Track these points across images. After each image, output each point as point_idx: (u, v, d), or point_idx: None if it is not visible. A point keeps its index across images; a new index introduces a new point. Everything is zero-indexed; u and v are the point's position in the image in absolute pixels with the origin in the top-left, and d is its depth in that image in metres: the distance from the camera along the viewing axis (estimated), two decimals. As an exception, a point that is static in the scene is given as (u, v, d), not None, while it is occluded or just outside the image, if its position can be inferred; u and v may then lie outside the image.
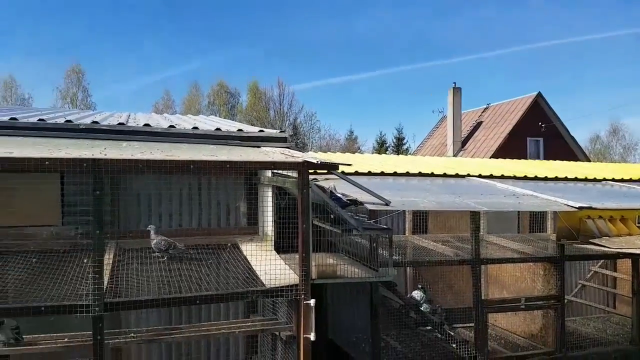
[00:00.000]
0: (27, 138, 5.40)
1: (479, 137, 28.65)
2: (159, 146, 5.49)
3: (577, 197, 7.24)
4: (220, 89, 43.11)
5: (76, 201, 6.05)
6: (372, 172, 8.77)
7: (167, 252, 5.41)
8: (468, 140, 29.03)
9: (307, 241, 4.69)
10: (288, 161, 4.77)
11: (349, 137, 42.96)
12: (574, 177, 9.59)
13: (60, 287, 4.41)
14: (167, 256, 5.41)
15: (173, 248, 5.44)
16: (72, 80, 40.57)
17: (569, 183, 9.35)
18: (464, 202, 6.84)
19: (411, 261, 7.13)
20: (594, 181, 9.71)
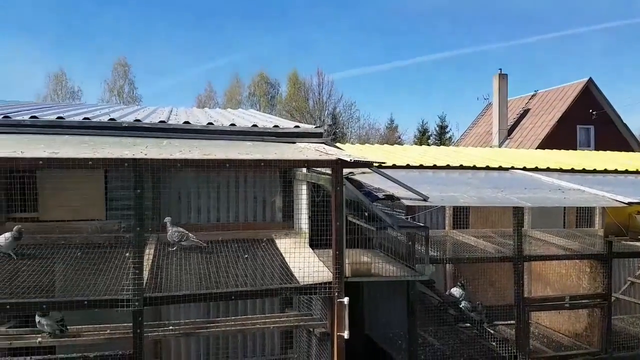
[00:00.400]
0: (73, 137, 5.59)
1: (526, 125, 27.75)
2: (197, 143, 5.58)
3: (627, 192, 6.91)
4: (261, 79, 43.39)
5: (119, 196, 6.27)
6: (410, 165, 8.65)
7: (180, 243, 5.56)
8: (514, 128, 28.18)
9: (340, 239, 4.67)
10: (322, 159, 4.75)
11: (389, 126, 42.42)
12: (625, 170, 9.15)
13: (103, 281, 4.57)
14: (180, 247, 5.56)
15: (186, 239, 5.58)
16: (118, 74, 41.72)
17: (619, 176, 8.93)
18: (506, 198, 6.64)
19: (450, 258, 6.99)
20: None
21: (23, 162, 4.00)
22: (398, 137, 41.19)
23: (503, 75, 27.62)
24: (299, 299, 6.27)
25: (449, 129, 41.81)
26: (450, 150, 12.55)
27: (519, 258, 6.79)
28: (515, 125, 28.31)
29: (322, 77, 38.76)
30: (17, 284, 4.46)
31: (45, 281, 4.66)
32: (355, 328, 7.78)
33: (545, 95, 28.59)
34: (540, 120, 26.87)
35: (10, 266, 4.89)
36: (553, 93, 28.04)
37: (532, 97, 29.53)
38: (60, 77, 40.52)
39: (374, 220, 5.52)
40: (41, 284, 4.55)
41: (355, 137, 38.53)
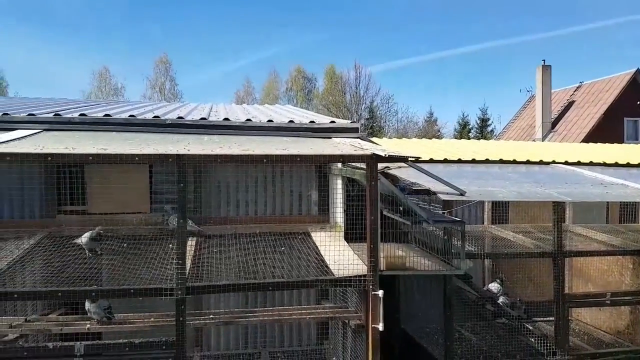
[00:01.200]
0: (120, 133, 5.86)
1: (571, 118, 26.94)
2: (236, 139, 5.76)
3: (675, 187, 6.70)
4: (298, 74, 43.67)
5: (163, 189, 6.52)
6: (448, 159, 8.60)
7: None
8: (558, 121, 27.40)
9: (375, 232, 4.74)
10: (356, 154, 4.83)
11: (428, 120, 41.91)
12: (673, 164, 8.82)
13: (148, 271, 4.81)
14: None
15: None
16: (160, 70, 42.86)
17: (667, 170, 8.61)
18: (546, 192, 6.54)
19: (487, 253, 6.95)
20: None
21: (74, 158, 4.25)
22: (437, 130, 40.67)
23: (546, 67, 26.89)
24: (335, 292, 6.38)
25: (491, 121, 41.04)
26: (489, 144, 12.36)
27: (559, 254, 6.68)
28: (560, 118, 27.53)
29: (360, 71, 38.64)
30: (67, 273, 4.74)
31: (94, 271, 4.95)
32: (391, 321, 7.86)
33: (590, 86, 27.67)
34: (586, 113, 26.04)
35: (61, 257, 5.18)
36: (599, 84, 27.11)
37: (577, 88, 28.63)
38: (104, 74, 41.97)
39: (409, 215, 5.55)
40: (90, 274, 4.83)
41: (393, 130, 38.32)
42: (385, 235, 6.14)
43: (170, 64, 42.91)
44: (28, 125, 5.77)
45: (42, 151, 4.20)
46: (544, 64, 27.00)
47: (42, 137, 5.28)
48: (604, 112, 24.73)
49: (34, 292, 4.51)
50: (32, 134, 5.45)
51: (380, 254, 4.91)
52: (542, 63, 27.05)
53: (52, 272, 4.79)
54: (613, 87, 25.66)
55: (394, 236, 6.22)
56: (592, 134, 23.66)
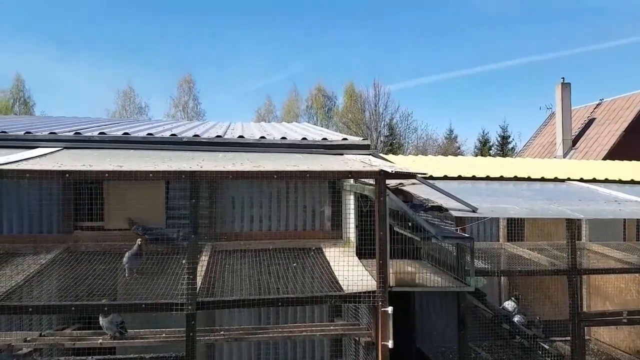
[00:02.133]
0: (138, 151, 6.02)
1: (591, 135, 26.60)
2: (250, 156, 5.86)
3: (692, 204, 6.60)
4: (318, 92, 44.07)
5: (178, 206, 6.65)
6: (462, 176, 8.61)
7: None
8: (579, 138, 27.07)
9: (384, 248, 4.76)
10: (365, 170, 4.88)
11: (447, 137, 41.77)
12: (692, 181, 8.68)
13: (160, 286, 4.89)
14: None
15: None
16: (183, 90, 43.72)
17: (685, 187, 8.47)
18: (558, 209, 6.51)
19: (501, 270, 6.88)
20: None
21: (91, 175, 4.39)
22: (457, 147, 40.46)
23: (566, 85, 26.70)
24: (347, 309, 6.38)
25: (512, 139, 40.72)
26: (506, 161, 12.30)
27: (574, 271, 6.60)
28: (580, 135, 27.20)
29: (379, 88, 38.80)
30: (82, 288, 4.86)
31: (108, 286, 5.05)
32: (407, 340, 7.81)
33: (611, 104, 27.32)
34: (606, 130, 25.68)
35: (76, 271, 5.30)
36: (620, 101, 26.75)
37: (597, 106, 28.30)
38: (128, 94, 42.91)
39: (419, 231, 5.56)
40: (104, 289, 4.94)
41: (412, 147, 38.25)
42: (396, 251, 6.16)
43: (194, 83, 43.86)
44: (49, 143, 5.96)
45: (60, 168, 4.35)
46: (563, 81, 26.87)
47: (62, 155, 5.45)
48: (625, 130, 24.36)
49: (48, 306, 4.61)
50: (53, 151, 5.63)
51: (389, 269, 4.92)
52: (562, 81, 26.90)
53: (67, 286, 4.91)
54: (634, 105, 25.32)
55: (406, 252, 6.24)
56: (614, 151, 23.27)
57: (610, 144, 24.33)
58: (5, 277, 4.94)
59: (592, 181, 8.65)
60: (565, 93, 26.56)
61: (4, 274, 5.06)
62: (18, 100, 40.98)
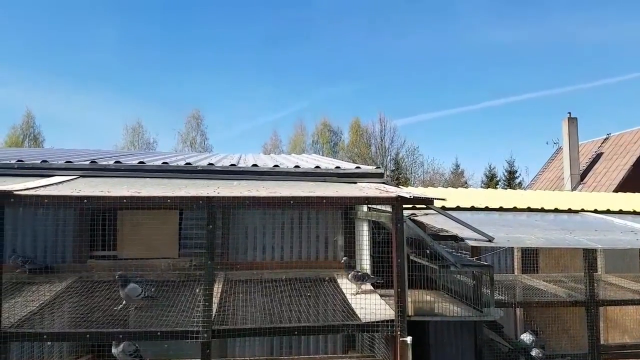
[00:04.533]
0: (153, 179, 6.05)
1: (600, 170, 26.56)
2: (264, 184, 5.88)
3: None
4: (324, 127, 44.43)
5: (191, 235, 6.63)
6: (475, 207, 8.56)
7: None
8: (587, 173, 27.03)
9: (402, 276, 4.70)
10: (382, 196, 4.86)
11: (454, 171, 41.75)
12: None
13: (174, 314, 4.83)
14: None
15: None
16: (191, 125, 44.12)
17: (701, 218, 8.38)
18: (575, 239, 6.44)
19: (518, 302, 6.76)
20: None
21: (109, 200, 4.40)
22: (464, 182, 40.37)
23: (572, 119, 26.84)
24: (362, 341, 6.25)
25: (519, 174, 40.64)
26: (517, 193, 12.25)
27: (592, 302, 6.47)
28: (588, 170, 27.17)
29: (384, 123, 39.15)
30: (96, 316, 4.80)
31: (122, 314, 4.99)
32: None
33: (618, 138, 27.39)
34: (615, 165, 25.65)
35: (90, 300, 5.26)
36: (627, 136, 26.82)
37: (604, 140, 28.36)
38: (137, 129, 43.31)
39: (436, 259, 5.49)
40: (118, 317, 4.88)
41: (419, 182, 38.21)
42: (413, 281, 6.08)
43: (202, 119, 44.25)
44: (65, 172, 6.01)
45: (78, 194, 4.37)
46: (569, 116, 27.01)
47: (79, 183, 5.49)
48: (634, 164, 24.31)
49: (63, 334, 4.57)
50: (69, 179, 5.67)
51: (407, 298, 4.84)
52: (568, 115, 27.03)
53: (81, 314, 4.85)
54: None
55: (422, 282, 6.15)
56: (623, 185, 23.17)
57: (619, 178, 24.25)
58: (19, 305, 4.90)
59: (606, 212, 8.58)
60: (572, 128, 26.67)
61: (18, 302, 5.01)
62: (28, 137, 41.46)
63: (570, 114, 27.15)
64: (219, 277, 6.20)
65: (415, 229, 5.68)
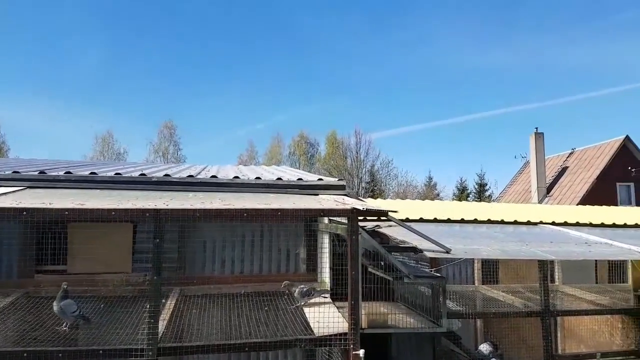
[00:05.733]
0: (104, 191, 5.88)
1: (565, 183, 27.23)
2: (222, 196, 5.76)
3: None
4: (301, 139, 44.52)
5: (145, 249, 6.45)
6: (438, 219, 8.61)
7: None
8: (553, 186, 27.69)
9: (356, 288, 4.65)
10: (337, 208, 4.82)
11: (427, 184, 42.29)
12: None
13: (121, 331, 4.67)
14: None
15: None
16: (164, 135, 43.60)
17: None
18: (530, 251, 6.52)
19: (475, 312, 6.77)
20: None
21: (51, 212, 4.24)
22: (437, 194, 40.87)
23: (539, 134, 27.50)
24: (321, 355, 6.16)
25: (489, 186, 41.38)
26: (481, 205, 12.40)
27: (547, 313, 6.54)
28: (555, 183, 27.84)
29: (360, 136, 39.50)
30: (38, 334, 4.60)
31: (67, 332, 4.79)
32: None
33: (582, 153, 28.17)
34: (579, 178, 26.34)
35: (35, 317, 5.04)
36: (591, 151, 27.60)
37: (569, 154, 29.14)
38: (107, 139, 42.51)
39: (392, 271, 5.47)
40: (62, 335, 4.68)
41: (393, 194, 38.50)
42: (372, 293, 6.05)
43: (175, 128, 43.70)
44: (12, 182, 5.80)
45: (17, 206, 4.20)
46: (536, 131, 27.65)
47: (24, 194, 5.29)
48: (597, 177, 25.03)
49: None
50: (14, 190, 5.47)
51: (362, 311, 4.79)
52: (535, 131, 27.67)
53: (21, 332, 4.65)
54: (604, 154, 26.11)
55: (381, 294, 6.12)
56: (586, 198, 23.80)
57: (583, 191, 24.89)
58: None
59: (563, 224, 8.73)
60: (539, 142, 27.31)
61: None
62: (-10, 146, 40.33)
63: (537, 129, 27.84)
64: (173, 292, 6.05)
65: (370, 241, 5.65)
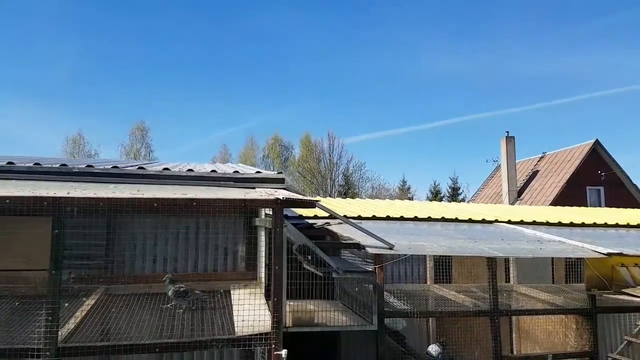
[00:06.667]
0: (21, 181, 5.48)
1: (536, 187, 27.34)
2: (147, 188, 5.41)
3: (611, 244, 6.51)
4: (275, 142, 44.07)
5: (70, 245, 6.06)
6: (390, 216, 8.37)
7: None
8: (524, 189, 27.78)
9: (279, 284, 4.36)
10: (260, 198, 4.53)
11: (401, 187, 42.27)
12: (615, 224, 8.70)
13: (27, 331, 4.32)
14: None
15: None
16: (136, 137, 42.53)
17: (609, 230, 8.48)
18: (478, 247, 6.29)
19: (420, 311, 6.49)
20: (638, 227, 8.76)
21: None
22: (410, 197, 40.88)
23: (510, 138, 27.52)
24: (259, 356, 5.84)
25: (462, 190, 41.54)
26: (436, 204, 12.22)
27: (496, 312, 6.31)
28: (525, 187, 27.92)
29: (333, 139, 39.38)
30: None
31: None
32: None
33: (553, 157, 28.33)
34: (550, 182, 26.46)
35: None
36: (561, 155, 27.77)
37: (540, 158, 29.28)
38: (78, 141, 41.48)
39: (323, 266, 5.18)
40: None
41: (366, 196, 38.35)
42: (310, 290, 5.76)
43: (147, 130, 42.73)
44: None
45: None
46: (507, 135, 27.68)
47: None
48: (567, 181, 25.14)
49: None
50: None
51: (286, 308, 4.49)
52: (506, 134, 27.71)
53: None
54: (574, 157, 26.28)
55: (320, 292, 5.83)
56: (557, 202, 23.84)
57: (554, 195, 24.98)
58: None
59: (519, 223, 8.56)
60: (510, 146, 27.34)
61: None
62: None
63: (507, 133, 27.80)
64: (97, 291, 5.69)
65: (298, 234, 5.36)
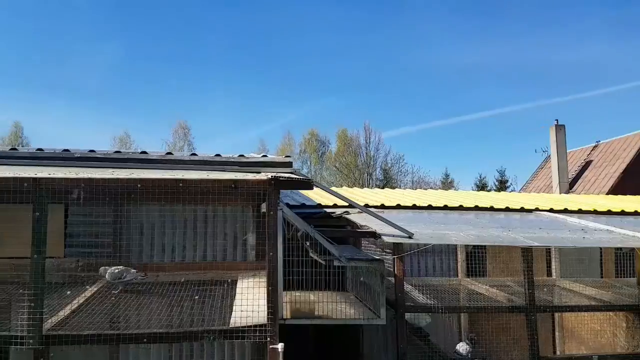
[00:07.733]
0: (23, 167, 5.34)
1: (589, 178, 25.81)
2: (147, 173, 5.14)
3: (667, 231, 5.75)
4: (311, 137, 43.78)
5: (79, 232, 5.91)
6: (417, 205, 7.85)
7: None
8: (576, 181, 26.26)
9: (274, 272, 3.98)
10: (255, 179, 4.15)
11: (443, 181, 40.99)
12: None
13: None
14: None
15: None
16: (179, 135, 43.50)
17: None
18: (510, 237, 5.70)
19: (445, 307, 5.90)
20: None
21: None
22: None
23: (560, 126, 25.98)
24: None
25: (510, 183, 39.93)
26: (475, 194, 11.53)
27: (532, 308, 5.69)
28: (578, 178, 26.39)
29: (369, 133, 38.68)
30: None
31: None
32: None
33: (607, 146, 26.65)
34: (604, 173, 24.90)
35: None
36: (616, 143, 26.08)
37: (593, 148, 27.62)
38: (124, 140, 42.73)
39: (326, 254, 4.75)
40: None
41: (407, 190, 37.49)
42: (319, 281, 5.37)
43: (189, 128, 43.69)
44: None
45: None
46: (557, 123, 26.14)
47: None
48: (623, 171, 23.58)
49: None
50: None
51: (284, 299, 4.11)
52: (555, 123, 26.19)
53: None
54: (630, 146, 24.64)
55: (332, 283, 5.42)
56: (612, 193, 22.40)
57: (609, 186, 23.47)
58: None
59: (562, 212, 7.83)
60: (560, 135, 25.84)
61: None
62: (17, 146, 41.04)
63: (557, 121, 26.28)
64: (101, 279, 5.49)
65: (296, 219, 4.94)
